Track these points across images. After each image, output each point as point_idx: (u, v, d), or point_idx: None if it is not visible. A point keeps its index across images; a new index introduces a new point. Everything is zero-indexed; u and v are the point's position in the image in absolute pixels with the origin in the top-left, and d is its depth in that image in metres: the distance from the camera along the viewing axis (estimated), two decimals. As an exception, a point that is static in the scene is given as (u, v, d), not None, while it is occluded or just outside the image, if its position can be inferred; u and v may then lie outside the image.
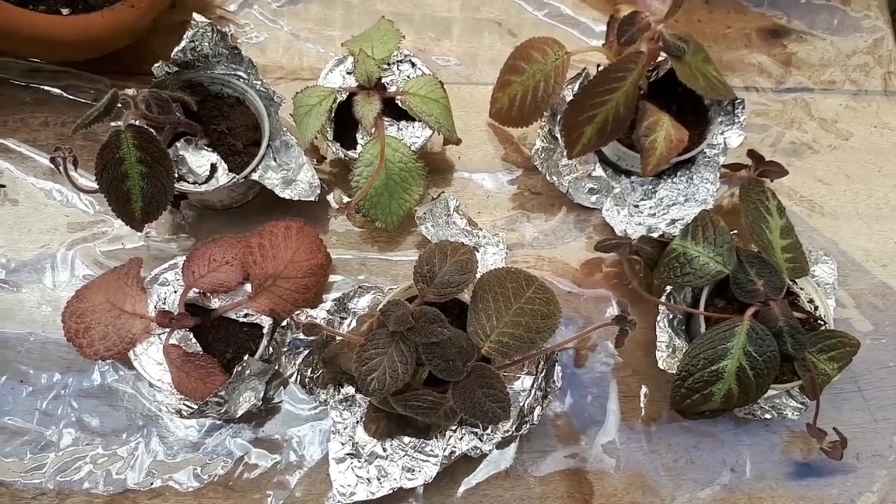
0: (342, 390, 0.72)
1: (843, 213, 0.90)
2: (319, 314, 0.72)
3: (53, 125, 0.87)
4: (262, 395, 0.73)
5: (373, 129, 0.78)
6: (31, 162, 0.85)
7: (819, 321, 0.75)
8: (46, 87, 0.88)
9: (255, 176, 0.76)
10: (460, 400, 0.64)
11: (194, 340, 0.71)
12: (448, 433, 0.70)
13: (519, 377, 0.73)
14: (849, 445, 0.72)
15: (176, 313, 0.70)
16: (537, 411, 0.71)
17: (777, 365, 0.67)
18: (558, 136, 0.83)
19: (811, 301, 0.76)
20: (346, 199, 0.75)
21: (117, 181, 0.68)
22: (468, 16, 0.99)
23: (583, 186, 0.85)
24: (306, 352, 0.70)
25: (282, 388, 0.77)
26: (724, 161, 0.83)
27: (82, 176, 0.81)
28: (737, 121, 0.82)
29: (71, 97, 0.88)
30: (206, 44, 0.77)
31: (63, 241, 0.82)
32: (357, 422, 0.71)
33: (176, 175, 0.73)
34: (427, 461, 0.70)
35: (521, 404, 0.71)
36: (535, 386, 0.72)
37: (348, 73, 0.83)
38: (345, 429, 0.71)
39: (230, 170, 0.76)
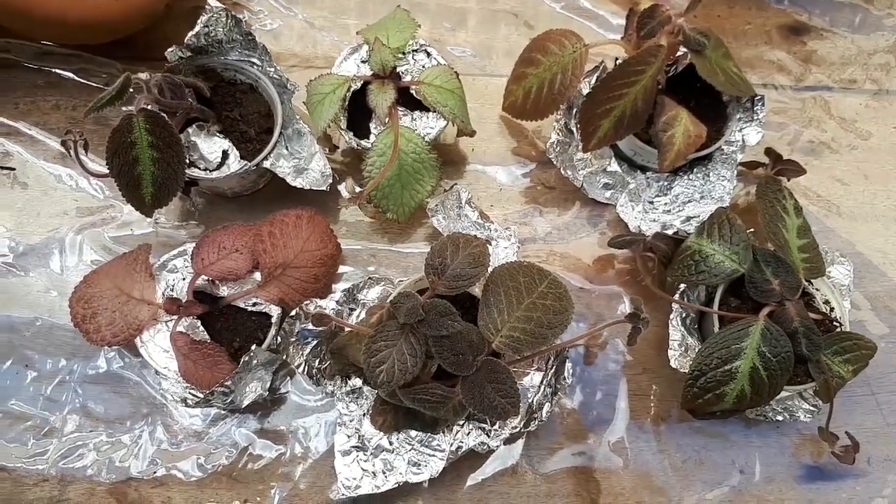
0: (349, 382, 0.71)
1: (861, 214, 0.88)
2: (329, 305, 0.71)
3: (65, 109, 0.86)
4: (268, 385, 0.72)
5: (386, 119, 0.77)
6: (41, 145, 0.85)
7: (835, 323, 0.74)
8: (58, 71, 0.88)
9: (266, 164, 0.76)
10: (469, 394, 0.63)
11: (202, 328, 0.70)
12: (455, 428, 0.70)
13: (528, 373, 0.72)
14: (860, 449, 0.71)
15: (184, 300, 0.69)
16: (546, 408, 0.70)
17: (791, 366, 0.66)
18: (574, 129, 0.82)
19: (827, 302, 0.75)
20: (357, 189, 0.74)
21: (128, 166, 0.67)
22: (484, 6, 0.98)
23: (597, 181, 0.84)
24: (315, 342, 0.69)
25: (288, 378, 0.76)
26: (741, 158, 0.82)
27: (92, 160, 0.81)
28: (756, 118, 0.80)
29: (82, 81, 0.88)
30: (221, 29, 0.76)
31: (72, 225, 0.81)
32: (364, 414, 0.70)
33: (187, 161, 0.73)
34: (433, 456, 0.69)
35: (530, 400, 0.71)
36: (544, 382, 0.71)
37: (363, 62, 0.82)
38: (351, 421, 0.70)
39: (242, 157, 0.76)
